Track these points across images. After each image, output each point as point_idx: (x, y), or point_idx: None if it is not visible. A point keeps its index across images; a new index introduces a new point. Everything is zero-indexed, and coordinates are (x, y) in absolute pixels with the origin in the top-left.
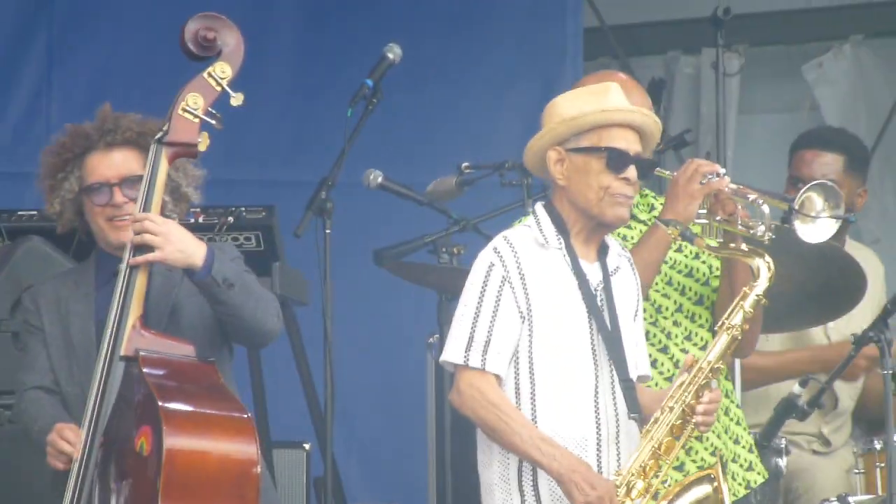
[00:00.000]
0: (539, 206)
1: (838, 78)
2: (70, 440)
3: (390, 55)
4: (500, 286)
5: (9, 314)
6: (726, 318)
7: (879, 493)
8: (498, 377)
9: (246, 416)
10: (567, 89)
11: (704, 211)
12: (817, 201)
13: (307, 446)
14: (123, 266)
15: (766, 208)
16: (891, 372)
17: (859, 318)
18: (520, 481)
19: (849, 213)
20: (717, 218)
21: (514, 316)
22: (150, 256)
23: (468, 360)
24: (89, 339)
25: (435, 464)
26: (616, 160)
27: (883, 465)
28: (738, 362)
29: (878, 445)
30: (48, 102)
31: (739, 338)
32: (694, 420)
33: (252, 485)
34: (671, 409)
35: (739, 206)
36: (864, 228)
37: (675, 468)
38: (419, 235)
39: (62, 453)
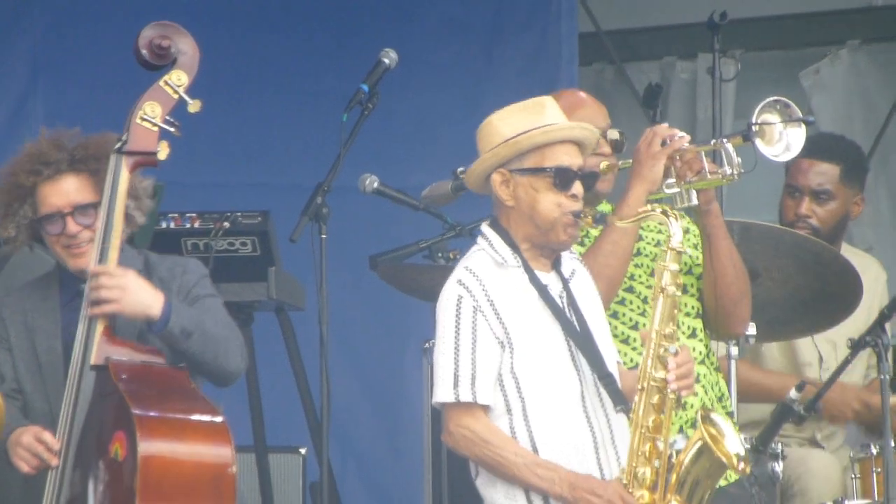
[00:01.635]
0: (486, 227)
1: (834, 84)
2: (50, 445)
3: (386, 60)
4: (473, 317)
5: None
6: (658, 282)
7: (876, 497)
8: (486, 407)
9: (219, 418)
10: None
11: (673, 180)
12: (777, 125)
13: (303, 451)
14: (83, 312)
15: (729, 146)
16: (888, 377)
17: (853, 326)
18: (528, 496)
19: (809, 119)
20: (688, 179)
21: (493, 344)
22: (106, 308)
23: (458, 395)
24: (56, 356)
25: (431, 468)
26: (562, 179)
27: (879, 470)
28: (734, 373)
29: (874, 451)
30: (34, 106)
31: (679, 294)
32: (669, 388)
33: (228, 486)
34: (643, 388)
35: (705, 161)
36: (857, 235)
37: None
38: (414, 241)
39: (35, 457)
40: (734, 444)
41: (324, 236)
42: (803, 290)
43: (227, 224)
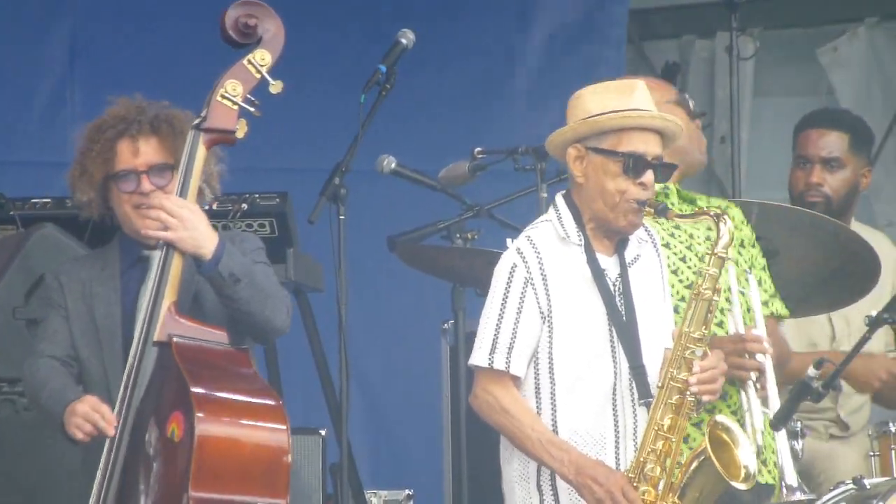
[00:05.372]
0: (559, 198)
1: (853, 61)
2: (106, 416)
3: (403, 40)
4: (523, 288)
5: (23, 301)
6: (696, 285)
7: (895, 475)
8: (517, 378)
9: (277, 403)
10: (587, 75)
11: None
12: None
13: (323, 432)
14: (159, 253)
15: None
16: None
17: (869, 305)
18: (538, 479)
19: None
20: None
21: (536, 317)
22: (161, 234)
23: (493, 362)
24: (114, 322)
25: (450, 450)
26: (634, 166)
27: None
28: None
29: (893, 428)
30: (72, 91)
31: (716, 299)
32: (690, 391)
33: (283, 473)
34: (663, 386)
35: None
36: (877, 211)
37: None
38: (433, 221)
39: (90, 424)
40: (747, 455)
41: (342, 217)
42: (821, 268)
43: (244, 206)
